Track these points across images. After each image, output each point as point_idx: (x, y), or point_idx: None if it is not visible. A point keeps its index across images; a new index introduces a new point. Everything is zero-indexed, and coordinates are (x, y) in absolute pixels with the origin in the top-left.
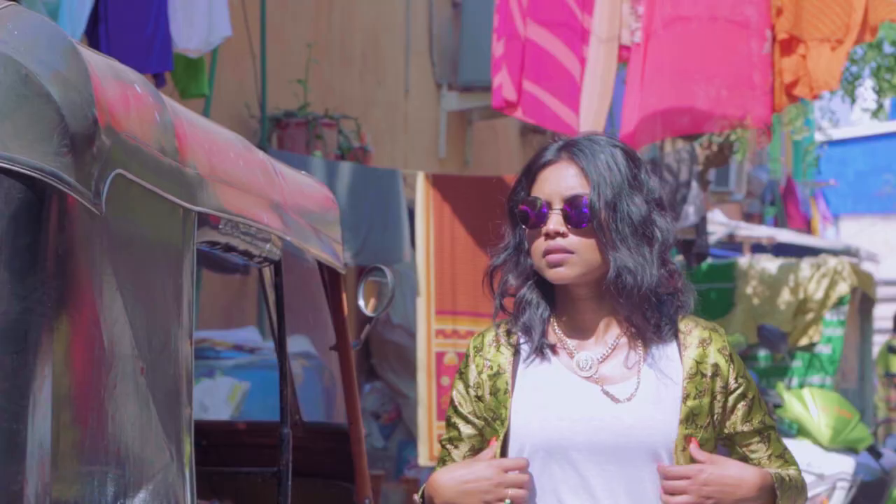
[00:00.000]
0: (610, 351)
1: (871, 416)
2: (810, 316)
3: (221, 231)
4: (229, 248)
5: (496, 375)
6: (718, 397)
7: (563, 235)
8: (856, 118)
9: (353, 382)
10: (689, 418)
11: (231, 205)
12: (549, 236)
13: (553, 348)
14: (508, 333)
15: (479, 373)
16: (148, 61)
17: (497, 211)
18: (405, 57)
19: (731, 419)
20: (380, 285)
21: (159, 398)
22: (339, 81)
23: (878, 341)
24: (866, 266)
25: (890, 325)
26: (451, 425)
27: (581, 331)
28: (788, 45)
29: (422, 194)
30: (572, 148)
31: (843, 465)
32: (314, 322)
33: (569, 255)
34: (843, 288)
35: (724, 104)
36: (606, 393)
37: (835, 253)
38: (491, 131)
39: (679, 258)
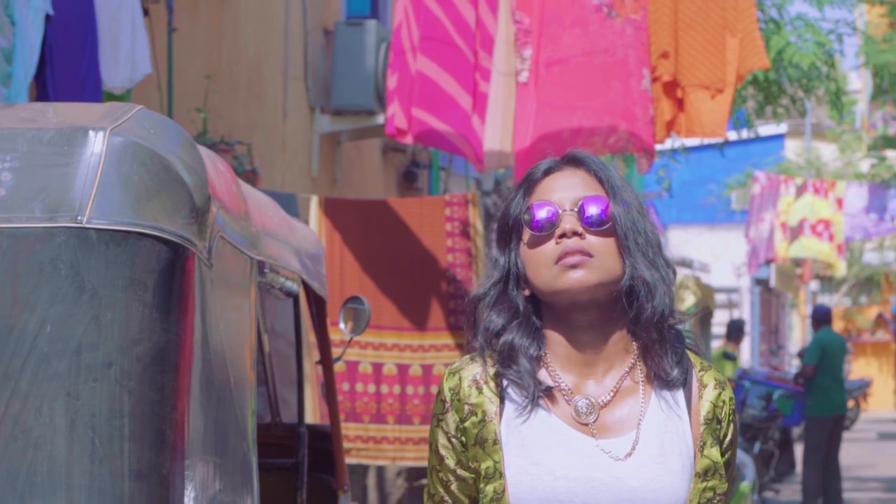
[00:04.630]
0: (612, 395)
1: None
2: None
3: (266, 274)
4: (269, 287)
5: (482, 423)
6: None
7: (580, 236)
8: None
9: (334, 391)
10: (708, 471)
11: (274, 253)
12: (565, 236)
13: (549, 393)
14: (495, 374)
15: (462, 419)
16: (82, 98)
17: (382, 230)
18: (283, 83)
19: None
20: (357, 311)
21: (241, 399)
22: (228, 108)
23: (713, 346)
24: (699, 275)
25: (722, 330)
26: (439, 482)
27: (580, 369)
28: (670, 87)
29: (315, 217)
30: (574, 158)
31: None
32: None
33: (587, 257)
34: (689, 300)
35: (607, 132)
36: (603, 449)
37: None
38: (357, 151)
39: None
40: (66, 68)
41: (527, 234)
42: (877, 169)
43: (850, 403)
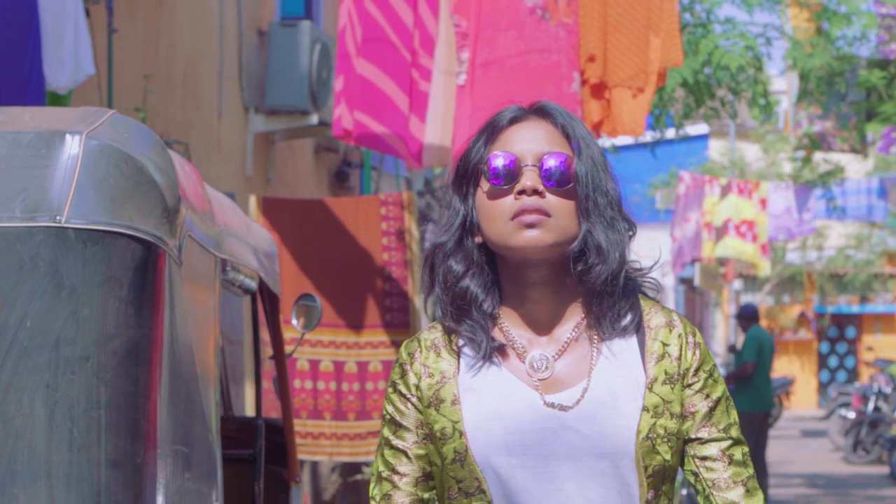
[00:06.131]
0: (564, 347)
1: None
2: None
3: (227, 272)
4: (230, 284)
5: (438, 384)
6: (683, 389)
7: (539, 195)
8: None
9: (287, 385)
10: (657, 407)
11: (235, 251)
12: (524, 193)
13: (501, 350)
14: (449, 336)
15: (419, 380)
16: (24, 100)
17: (319, 229)
18: (218, 83)
19: (688, 421)
20: (309, 308)
21: (206, 392)
22: (165, 107)
23: None
24: None
25: None
26: (392, 448)
27: (532, 324)
28: (598, 89)
29: (252, 216)
30: (541, 108)
31: None
32: None
33: (545, 217)
34: None
35: None
36: (551, 404)
37: None
38: (290, 150)
39: None
40: (9, 69)
41: (485, 184)
42: (799, 171)
43: (774, 401)
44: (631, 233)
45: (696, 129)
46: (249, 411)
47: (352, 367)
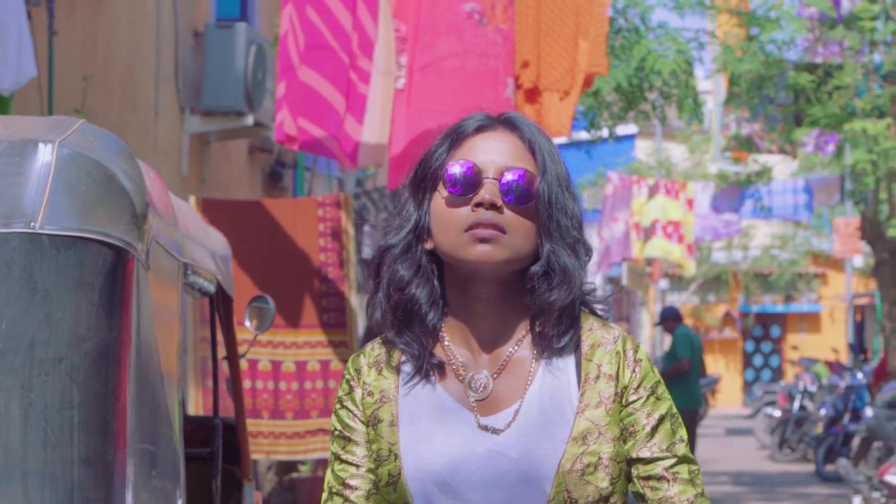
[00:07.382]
0: (504, 365)
1: None
2: None
3: (189, 275)
4: (191, 287)
5: (377, 404)
6: (622, 409)
7: (497, 210)
8: None
9: (240, 385)
10: (588, 434)
11: (196, 255)
12: (481, 206)
13: (440, 368)
14: (390, 352)
15: (363, 397)
16: None
17: (258, 230)
18: (155, 84)
19: (630, 441)
20: (261, 310)
21: (170, 392)
22: (104, 109)
23: None
24: None
25: None
26: (342, 462)
27: (475, 341)
28: (531, 94)
29: None
30: (509, 120)
31: None
32: None
33: (500, 233)
34: None
35: None
36: (485, 427)
37: None
38: (225, 151)
39: None
40: None
41: (443, 191)
42: (724, 172)
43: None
44: (588, 257)
45: (624, 129)
46: (192, 411)
47: (290, 366)
